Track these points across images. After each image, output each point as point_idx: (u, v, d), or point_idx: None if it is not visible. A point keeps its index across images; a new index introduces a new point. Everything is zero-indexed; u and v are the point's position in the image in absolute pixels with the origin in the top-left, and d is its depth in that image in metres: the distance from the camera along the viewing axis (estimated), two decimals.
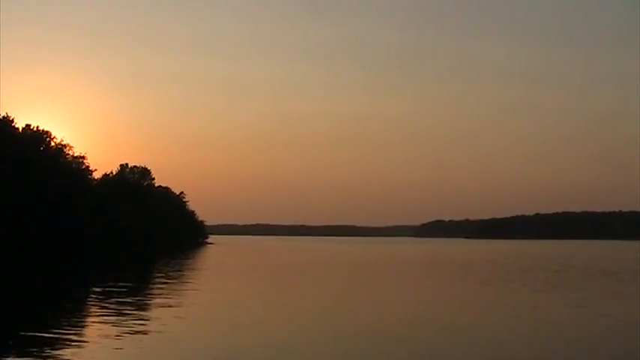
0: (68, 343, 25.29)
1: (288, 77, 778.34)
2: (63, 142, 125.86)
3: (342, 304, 41.60)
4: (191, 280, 61.40)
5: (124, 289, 50.76)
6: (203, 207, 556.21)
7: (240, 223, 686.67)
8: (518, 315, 36.81)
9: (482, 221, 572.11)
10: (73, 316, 34.46)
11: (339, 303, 42.05)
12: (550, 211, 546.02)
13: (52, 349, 24.06)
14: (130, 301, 41.56)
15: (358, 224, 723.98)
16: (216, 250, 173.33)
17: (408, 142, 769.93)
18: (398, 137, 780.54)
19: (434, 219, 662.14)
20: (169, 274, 71.80)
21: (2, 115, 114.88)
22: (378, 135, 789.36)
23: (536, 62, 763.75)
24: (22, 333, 28.28)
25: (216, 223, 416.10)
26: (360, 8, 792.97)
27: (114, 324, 30.64)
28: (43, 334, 27.64)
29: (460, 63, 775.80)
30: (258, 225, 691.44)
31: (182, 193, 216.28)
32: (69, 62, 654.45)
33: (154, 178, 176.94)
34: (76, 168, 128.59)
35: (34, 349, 23.98)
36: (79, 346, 24.65)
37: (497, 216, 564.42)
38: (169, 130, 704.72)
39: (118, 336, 27.08)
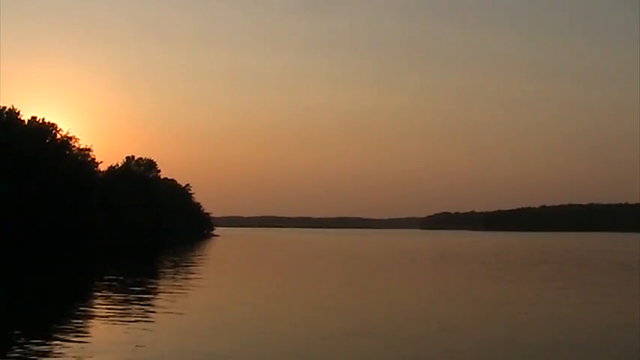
0: (68, 340, 25.40)
1: (294, 69, 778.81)
2: (69, 135, 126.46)
3: (342, 298, 41.55)
4: (194, 273, 61.43)
5: (128, 282, 50.95)
6: (209, 199, 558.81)
7: (246, 216, 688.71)
8: (522, 312, 36.73)
9: (488, 213, 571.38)
10: (75, 309, 34.51)
11: (339, 298, 42.00)
12: (556, 204, 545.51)
13: (51, 348, 24.19)
14: (133, 294, 41.69)
15: (364, 216, 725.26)
16: (222, 242, 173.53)
17: (414, 135, 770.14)
18: (404, 129, 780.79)
19: (440, 211, 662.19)
20: (173, 266, 71.98)
21: (8, 107, 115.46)
22: (384, 127, 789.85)
23: (545, 55, 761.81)
24: (24, 327, 28.41)
25: (222, 216, 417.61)
26: (366, 0, 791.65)
27: (116, 318, 30.76)
28: (44, 330, 27.81)
29: (466, 56, 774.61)
30: (263, 217, 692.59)
31: (188, 185, 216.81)
32: (74, 56, 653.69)
33: (159, 171, 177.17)
34: (82, 160, 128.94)
35: (37, 345, 24.09)
36: (79, 343, 24.75)
37: (503, 208, 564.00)
38: (175, 122, 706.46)
39: (119, 332, 27.19)
